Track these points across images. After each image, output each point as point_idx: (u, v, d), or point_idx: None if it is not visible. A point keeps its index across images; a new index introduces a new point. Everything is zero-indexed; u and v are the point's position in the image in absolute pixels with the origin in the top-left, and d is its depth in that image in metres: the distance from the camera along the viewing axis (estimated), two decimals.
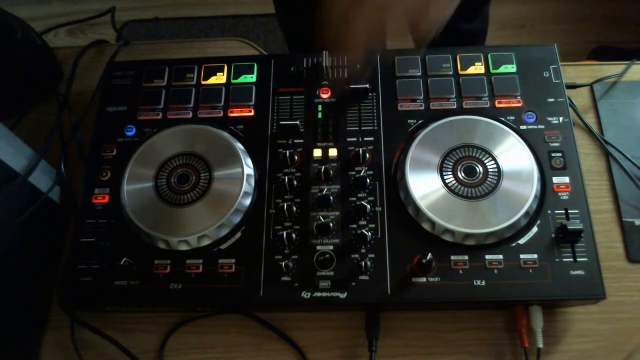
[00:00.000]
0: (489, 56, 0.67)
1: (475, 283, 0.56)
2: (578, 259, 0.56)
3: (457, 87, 0.66)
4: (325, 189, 0.61)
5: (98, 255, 0.60)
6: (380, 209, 0.60)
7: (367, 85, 0.65)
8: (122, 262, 0.58)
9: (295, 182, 0.61)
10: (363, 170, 0.62)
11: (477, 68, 0.67)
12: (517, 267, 0.56)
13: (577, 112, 0.70)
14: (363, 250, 0.58)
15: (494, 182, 0.59)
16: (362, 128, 0.64)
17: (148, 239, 0.60)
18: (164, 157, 0.63)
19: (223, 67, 0.69)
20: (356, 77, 0.64)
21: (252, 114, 0.66)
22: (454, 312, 0.62)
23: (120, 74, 0.70)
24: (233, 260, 0.59)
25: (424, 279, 0.56)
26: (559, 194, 0.59)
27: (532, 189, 0.58)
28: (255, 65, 0.69)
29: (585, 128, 0.70)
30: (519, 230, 0.58)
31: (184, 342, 0.62)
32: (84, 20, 0.95)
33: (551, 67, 0.66)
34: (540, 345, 0.57)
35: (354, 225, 0.59)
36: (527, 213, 0.57)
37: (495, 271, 0.56)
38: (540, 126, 0.63)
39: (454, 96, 0.65)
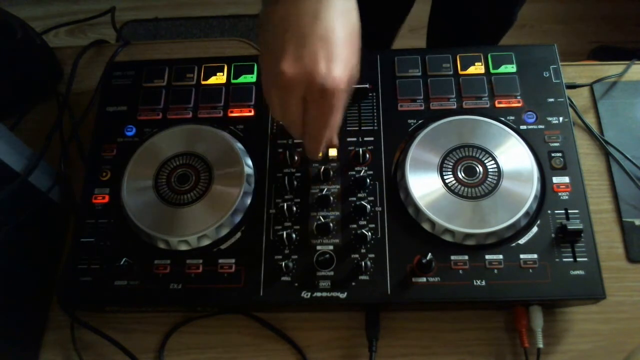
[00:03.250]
0: (489, 56, 0.67)
1: (475, 283, 0.56)
2: (578, 259, 0.56)
3: (457, 87, 0.66)
4: (325, 189, 0.61)
5: (98, 255, 0.60)
6: (380, 209, 0.60)
7: (367, 85, 0.65)
8: (122, 262, 0.58)
9: (295, 182, 0.61)
10: (363, 170, 0.62)
11: (477, 68, 0.67)
12: (517, 267, 0.56)
13: (577, 112, 0.70)
14: (363, 250, 0.58)
15: (494, 182, 0.59)
16: (362, 128, 0.64)
17: (148, 239, 0.60)
18: (164, 157, 0.63)
19: (223, 67, 0.69)
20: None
21: (252, 114, 0.66)
22: (454, 312, 0.62)
23: (120, 74, 0.70)
24: (233, 260, 0.59)
25: (424, 279, 0.56)
26: (559, 194, 0.59)
27: (532, 189, 0.58)
28: (255, 65, 0.69)
29: (585, 128, 0.70)
30: (519, 230, 0.58)
31: (184, 342, 0.62)
32: (84, 20, 0.94)
33: (551, 67, 0.66)
34: (540, 345, 0.57)
35: (354, 225, 0.59)
36: (527, 213, 0.57)
37: (495, 271, 0.56)
38: (540, 126, 0.63)
39: (454, 96, 0.65)
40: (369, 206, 0.59)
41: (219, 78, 0.69)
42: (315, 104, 0.48)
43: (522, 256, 0.57)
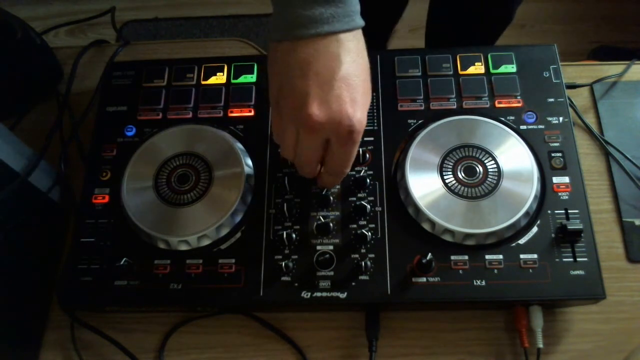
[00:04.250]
0: (489, 56, 0.67)
1: (475, 283, 0.56)
2: (578, 259, 0.56)
3: (457, 87, 0.66)
4: (325, 189, 0.61)
5: (98, 255, 0.60)
6: (380, 209, 0.60)
7: None
8: (122, 262, 0.58)
9: (295, 182, 0.61)
10: (363, 170, 0.62)
11: (477, 68, 0.67)
12: (517, 267, 0.56)
13: (577, 112, 0.70)
14: (363, 250, 0.58)
15: (494, 182, 0.59)
16: None
17: (148, 239, 0.60)
18: (164, 157, 0.63)
19: (223, 67, 0.69)
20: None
21: (252, 114, 0.66)
22: (454, 312, 0.62)
23: (120, 74, 0.70)
24: (233, 260, 0.59)
25: (424, 279, 0.56)
26: (559, 194, 0.59)
27: (532, 189, 0.58)
28: (255, 65, 0.69)
29: (585, 128, 0.70)
30: (519, 230, 0.58)
31: (184, 342, 0.62)
32: (84, 20, 0.94)
33: (551, 67, 0.66)
34: (540, 345, 0.57)
35: (354, 225, 0.59)
36: (527, 213, 0.57)
37: (495, 271, 0.56)
38: (540, 126, 0.63)
39: (454, 96, 0.65)
40: (369, 206, 0.59)
41: (219, 78, 0.69)
42: (340, 144, 0.49)
43: (522, 256, 0.57)
